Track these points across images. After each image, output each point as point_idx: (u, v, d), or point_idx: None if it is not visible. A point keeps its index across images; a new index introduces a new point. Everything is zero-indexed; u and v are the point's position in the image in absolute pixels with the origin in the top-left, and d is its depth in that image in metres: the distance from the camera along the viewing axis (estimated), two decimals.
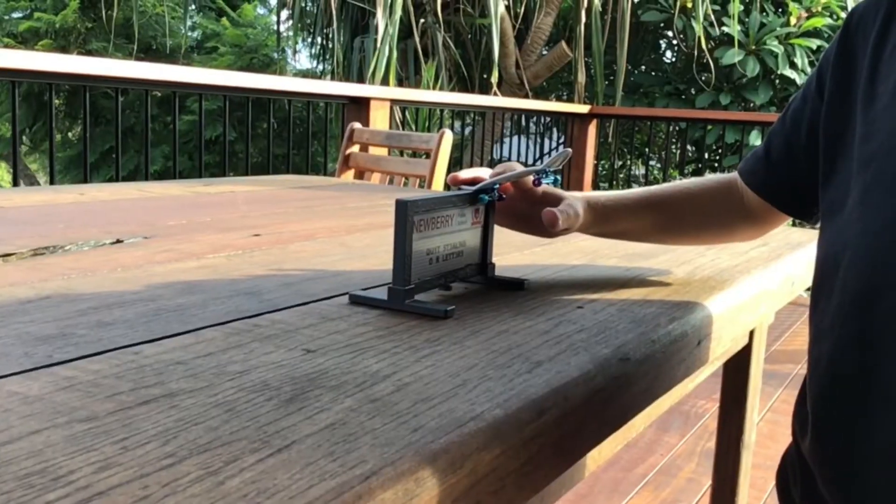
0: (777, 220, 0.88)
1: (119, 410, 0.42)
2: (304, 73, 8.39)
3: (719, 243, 0.98)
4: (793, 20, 5.99)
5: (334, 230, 1.08)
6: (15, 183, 2.37)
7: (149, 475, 0.35)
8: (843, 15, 5.09)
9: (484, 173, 0.79)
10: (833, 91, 0.72)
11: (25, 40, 8.00)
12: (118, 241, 0.93)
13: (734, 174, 0.89)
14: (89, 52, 7.84)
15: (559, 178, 0.78)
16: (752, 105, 6.11)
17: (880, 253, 0.59)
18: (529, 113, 5.27)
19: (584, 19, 5.57)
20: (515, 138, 5.76)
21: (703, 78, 6.20)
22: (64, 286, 0.70)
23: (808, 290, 0.76)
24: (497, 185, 0.74)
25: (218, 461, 0.36)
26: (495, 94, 5.01)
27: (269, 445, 0.38)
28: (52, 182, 2.54)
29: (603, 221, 0.82)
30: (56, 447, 0.37)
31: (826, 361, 0.64)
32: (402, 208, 0.65)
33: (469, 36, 6.23)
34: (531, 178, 0.77)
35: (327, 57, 6.60)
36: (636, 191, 0.86)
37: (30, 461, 0.36)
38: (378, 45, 4.33)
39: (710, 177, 0.90)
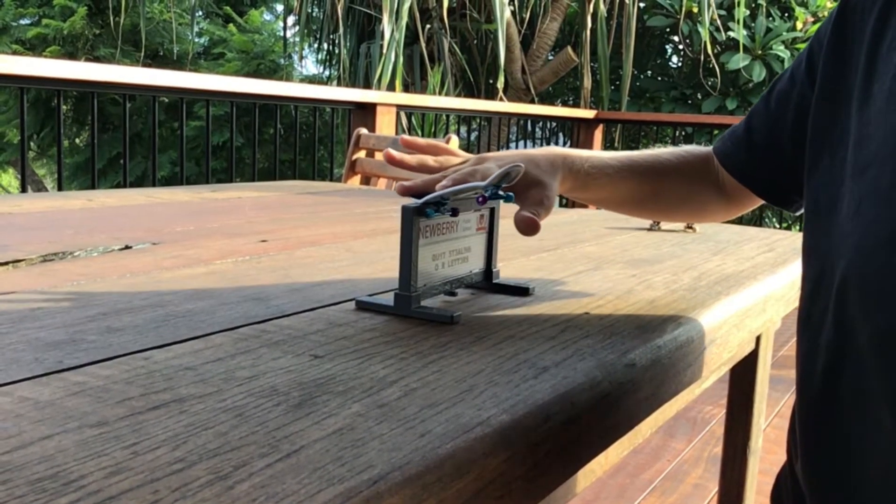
0: (751, 202, 0.84)
1: (129, 416, 0.42)
2: (311, 79, 8.42)
3: (691, 221, 0.96)
4: (799, 25, 5.99)
5: (340, 236, 1.09)
6: (23, 189, 2.39)
7: (159, 480, 0.35)
8: None
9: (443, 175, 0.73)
10: (825, 77, 0.67)
11: (33, 47, 8.05)
12: (127, 247, 0.93)
13: (710, 149, 0.85)
14: (97, 59, 7.88)
15: (512, 195, 0.69)
16: None
17: (872, 274, 0.56)
18: (535, 118, 5.27)
19: (589, 24, 5.58)
20: (521, 143, 5.77)
21: (710, 83, 6.20)
22: (73, 292, 0.70)
23: None
24: (447, 200, 0.67)
25: (227, 466, 0.37)
26: (501, 99, 5.02)
27: (277, 450, 0.39)
28: (60, 188, 2.56)
29: (581, 188, 0.79)
30: (67, 452, 0.38)
31: (819, 380, 0.61)
32: (409, 214, 0.65)
33: (475, 41, 6.24)
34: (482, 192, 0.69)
35: (333, 63, 6.62)
36: (618, 157, 0.81)
37: (41, 466, 0.36)
38: (384, 50, 4.34)
39: (687, 149, 0.85)
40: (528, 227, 0.67)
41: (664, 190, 0.84)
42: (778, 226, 6.05)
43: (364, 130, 2.58)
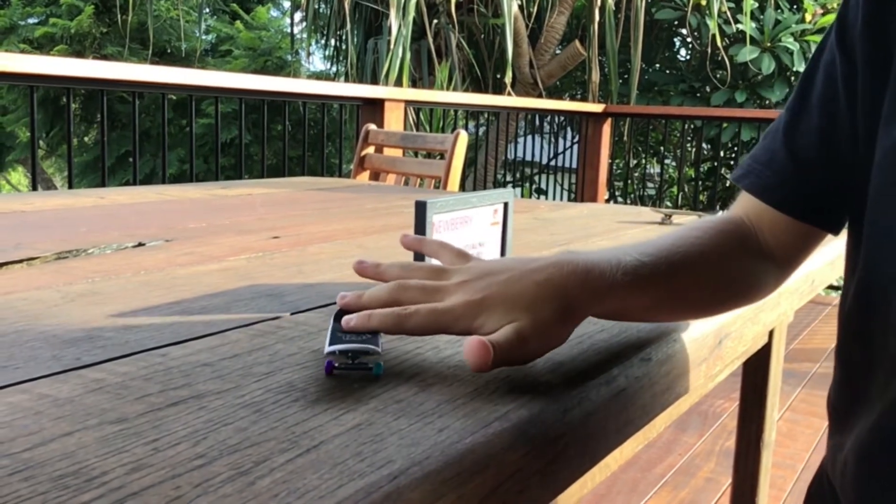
0: (804, 253, 0.68)
1: (149, 412, 0.42)
2: (318, 75, 8.43)
3: (742, 304, 0.69)
4: (808, 17, 5.96)
5: (352, 232, 1.09)
6: (34, 187, 2.40)
7: (181, 476, 0.35)
8: None
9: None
10: (868, 59, 0.58)
11: (41, 46, 8.07)
12: (140, 245, 0.94)
13: (734, 214, 0.67)
14: (104, 57, 7.90)
15: (377, 367, 0.50)
16: (767, 102, 6.08)
17: None
18: (543, 112, 5.26)
19: (597, 18, 5.56)
20: (529, 138, 5.76)
21: (718, 76, 6.17)
22: (89, 289, 0.70)
23: (827, 288, 0.69)
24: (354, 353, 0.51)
25: (248, 461, 0.37)
26: (509, 93, 5.01)
27: (297, 446, 0.39)
28: (70, 186, 2.57)
29: (612, 302, 0.56)
30: (88, 449, 0.38)
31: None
32: (422, 209, 0.65)
33: (482, 36, 6.23)
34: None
35: (341, 59, 6.62)
36: (647, 252, 0.58)
37: (63, 462, 0.36)
38: (391, 46, 4.34)
39: (706, 220, 0.66)
40: (472, 352, 0.48)
41: (705, 275, 0.62)
42: None
43: (373, 126, 2.58)
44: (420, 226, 0.66)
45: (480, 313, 0.51)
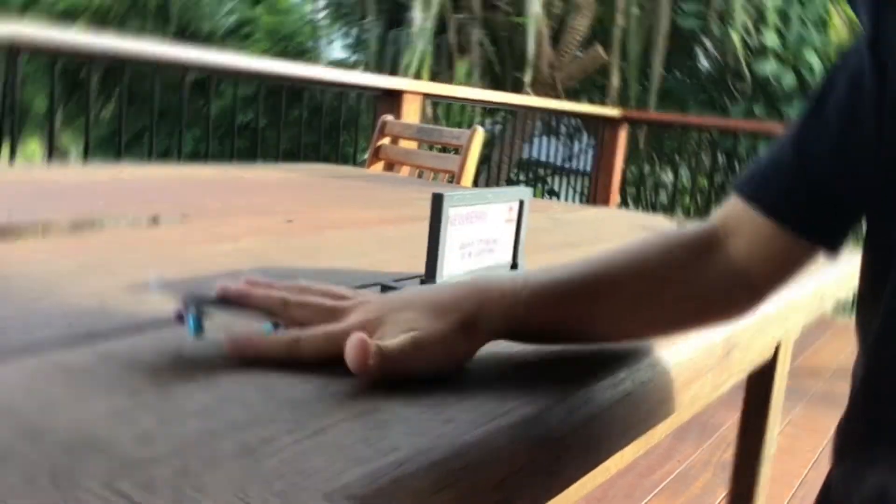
0: (786, 271, 0.61)
1: (159, 385, 0.43)
2: (337, 64, 8.43)
3: (696, 328, 0.64)
4: (833, 35, 5.93)
5: (366, 220, 1.09)
6: (49, 158, 2.41)
7: (188, 449, 0.36)
8: None
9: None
10: None
11: (63, 20, 8.10)
12: (155, 220, 0.94)
13: (706, 223, 0.61)
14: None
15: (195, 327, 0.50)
16: (787, 118, 6.06)
17: None
18: (560, 114, 5.25)
19: (620, 23, 5.55)
20: (544, 138, 5.76)
21: (738, 88, 6.15)
22: (103, 261, 0.71)
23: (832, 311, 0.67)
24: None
25: (255, 440, 0.37)
26: (527, 93, 5.00)
27: (304, 428, 0.39)
28: (86, 159, 2.58)
29: (525, 321, 0.54)
30: (98, 418, 0.38)
31: None
32: (439, 201, 0.65)
33: (503, 34, 6.23)
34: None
35: (361, 48, 6.62)
36: (558, 276, 0.57)
37: (72, 430, 0.37)
38: (414, 38, 4.34)
39: (663, 235, 0.62)
40: (351, 349, 0.45)
41: (648, 289, 0.58)
42: None
43: (390, 117, 2.58)
44: (436, 218, 0.66)
45: (377, 329, 0.50)
